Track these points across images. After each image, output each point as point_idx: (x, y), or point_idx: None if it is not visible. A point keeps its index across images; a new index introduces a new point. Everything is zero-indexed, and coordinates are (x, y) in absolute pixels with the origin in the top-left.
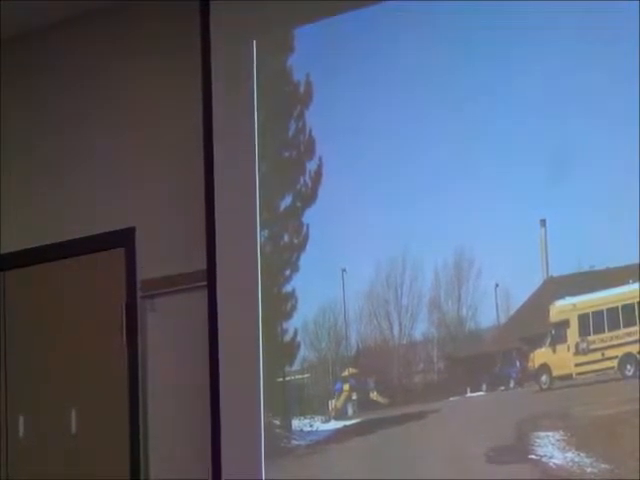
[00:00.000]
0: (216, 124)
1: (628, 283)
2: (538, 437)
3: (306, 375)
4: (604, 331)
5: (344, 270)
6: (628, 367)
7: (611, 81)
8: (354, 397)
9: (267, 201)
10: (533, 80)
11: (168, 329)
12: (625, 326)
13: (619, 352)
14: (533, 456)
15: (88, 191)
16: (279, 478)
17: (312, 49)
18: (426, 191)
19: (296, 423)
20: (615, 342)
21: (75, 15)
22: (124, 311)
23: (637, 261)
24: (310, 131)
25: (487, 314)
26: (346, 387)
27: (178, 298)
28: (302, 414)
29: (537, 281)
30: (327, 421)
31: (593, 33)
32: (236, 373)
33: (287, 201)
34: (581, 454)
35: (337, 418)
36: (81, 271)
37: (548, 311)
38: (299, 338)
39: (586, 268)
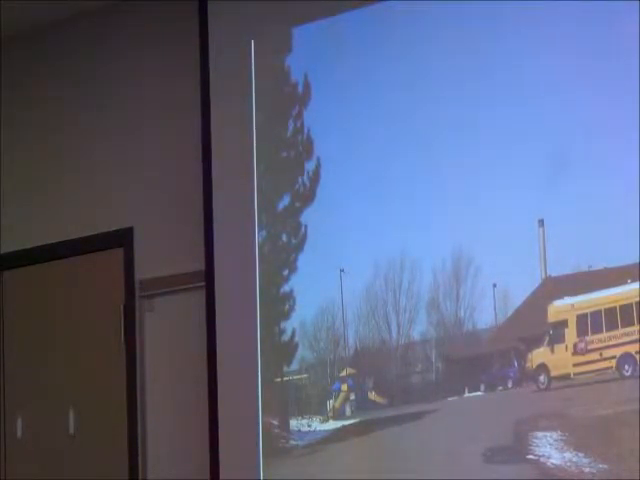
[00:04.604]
0: (214, 124)
1: (626, 283)
2: (536, 437)
3: (304, 375)
4: (602, 331)
5: (342, 270)
6: (626, 367)
7: (611, 80)
8: (352, 397)
9: (265, 201)
10: (533, 80)
11: (166, 329)
12: (623, 326)
13: (617, 352)
14: (531, 456)
15: (87, 191)
16: (277, 478)
17: (310, 49)
18: (424, 191)
19: (294, 423)
20: (613, 342)
21: (74, 15)
22: (122, 311)
23: (635, 261)
24: (308, 131)
25: (485, 314)
26: (344, 387)
27: (176, 298)
28: (300, 414)
29: (535, 281)
30: (325, 421)
31: (593, 32)
32: (234, 373)
33: (285, 201)
34: (579, 454)
35: (335, 418)
36: (80, 271)
37: (546, 311)
38: (297, 338)
39: (584, 268)
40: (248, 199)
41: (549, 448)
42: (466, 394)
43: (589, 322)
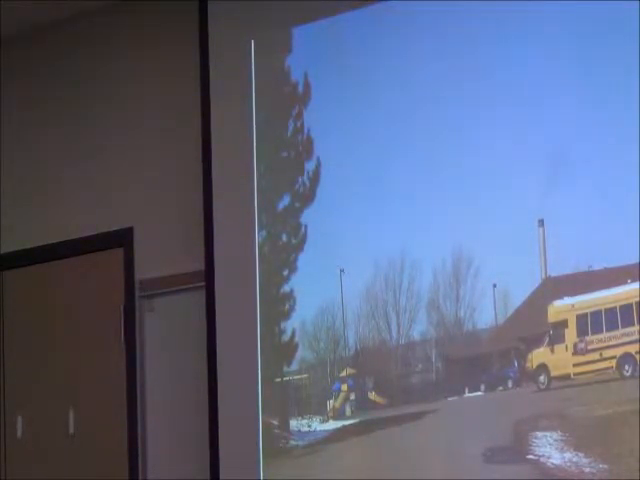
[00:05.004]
0: (214, 124)
1: (626, 283)
2: (536, 437)
3: (304, 375)
4: (602, 331)
5: (342, 270)
6: (626, 367)
7: (610, 81)
8: (352, 397)
9: (265, 201)
10: (532, 80)
11: (166, 329)
12: (623, 326)
13: (617, 352)
14: (531, 456)
15: (87, 191)
16: (277, 478)
17: (310, 49)
18: (424, 191)
19: (294, 423)
20: (613, 342)
21: (74, 15)
22: (122, 311)
23: (635, 261)
24: (308, 131)
25: (485, 314)
26: (344, 387)
27: (176, 298)
28: (300, 414)
29: (535, 281)
30: (325, 421)
31: (593, 33)
32: (234, 373)
33: (285, 201)
34: (579, 454)
35: (335, 418)
36: (80, 271)
37: (546, 311)
38: (297, 338)
39: (584, 268)
40: (248, 199)
41: (549, 448)
42: (466, 394)
43: (589, 322)
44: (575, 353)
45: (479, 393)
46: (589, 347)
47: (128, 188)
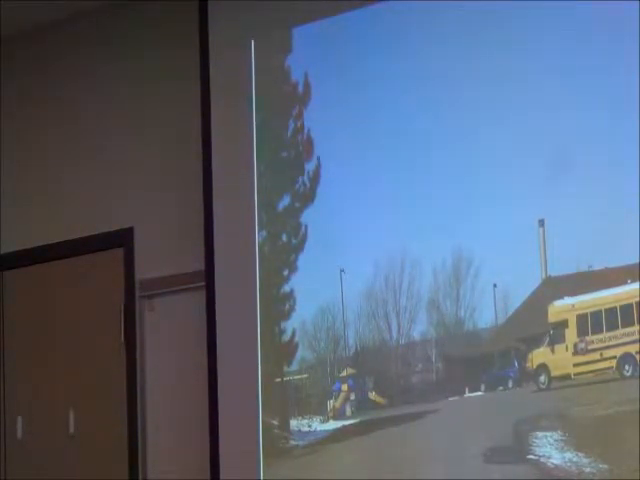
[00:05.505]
0: (214, 124)
1: (626, 283)
2: (536, 437)
3: (304, 375)
4: (602, 331)
5: (342, 270)
6: (626, 367)
7: (610, 81)
8: (352, 397)
9: (265, 201)
10: (532, 80)
11: (166, 329)
12: (623, 326)
13: (617, 352)
14: (531, 456)
15: (87, 191)
16: (277, 478)
17: (311, 49)
18: (425, 191)
19: (294, 423)
20: (613, 342)
21: (74, 15)
22: (122, 311)
23: (636, 261)
24: (308, 131)
25: (485, 314)
26: (344, 387)
27: (177, 298)
28: (300, 414)
29: (535, 281)
30: (325, 421)
31: (593, 32)
32: (234, 373)
33: (285, 201)
34: (579, 454)
35: (335, 418)
36: (80, 271)
37: (546, 311)
38: (297, 338)
39: (584, 268)
40: (248, 199)
41: (549, 448)
42: (466, 394)
43: (589, 322)
44: (575, 353)
45: (479, 393)
46: (589, 347)
47: (128, 188)
